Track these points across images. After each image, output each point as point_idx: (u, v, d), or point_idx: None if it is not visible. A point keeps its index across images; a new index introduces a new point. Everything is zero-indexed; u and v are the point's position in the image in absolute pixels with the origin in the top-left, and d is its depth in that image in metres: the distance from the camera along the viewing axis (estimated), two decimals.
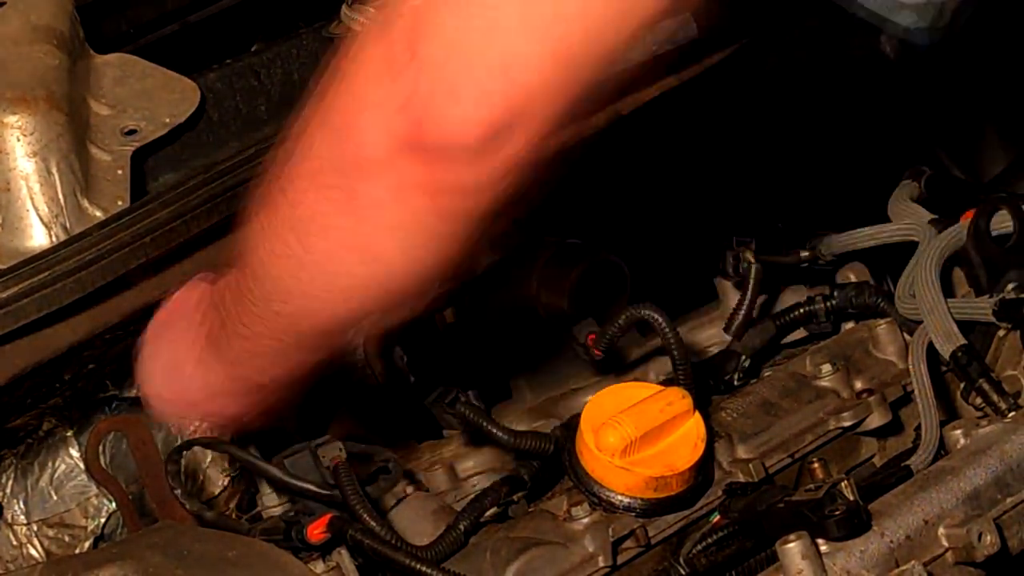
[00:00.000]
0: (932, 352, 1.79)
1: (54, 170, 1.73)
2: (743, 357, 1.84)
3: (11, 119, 1.74)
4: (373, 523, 1.56)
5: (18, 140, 1.73)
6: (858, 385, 1.81)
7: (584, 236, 1.90)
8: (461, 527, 1.61)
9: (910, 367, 1.79)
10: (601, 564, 1.60)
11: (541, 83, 1.23)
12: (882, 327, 1.85)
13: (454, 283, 1.78)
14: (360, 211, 1.29)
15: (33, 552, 1.82)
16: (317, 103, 1.32)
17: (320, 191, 1.30)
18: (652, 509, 1.62)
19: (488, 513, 1.65)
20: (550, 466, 1.68)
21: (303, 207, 1.32)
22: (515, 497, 1.68)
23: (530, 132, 1.24)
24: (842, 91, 2.09)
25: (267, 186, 1.38)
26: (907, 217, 1.91)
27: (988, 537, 1.46)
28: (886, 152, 2.06)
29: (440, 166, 1.25)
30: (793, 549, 1.40)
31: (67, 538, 1.83)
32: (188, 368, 1.56)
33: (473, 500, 1.65)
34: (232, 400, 1.56)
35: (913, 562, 1.44)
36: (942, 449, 1.69)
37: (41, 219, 1.72)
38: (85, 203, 1.74)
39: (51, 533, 1.82)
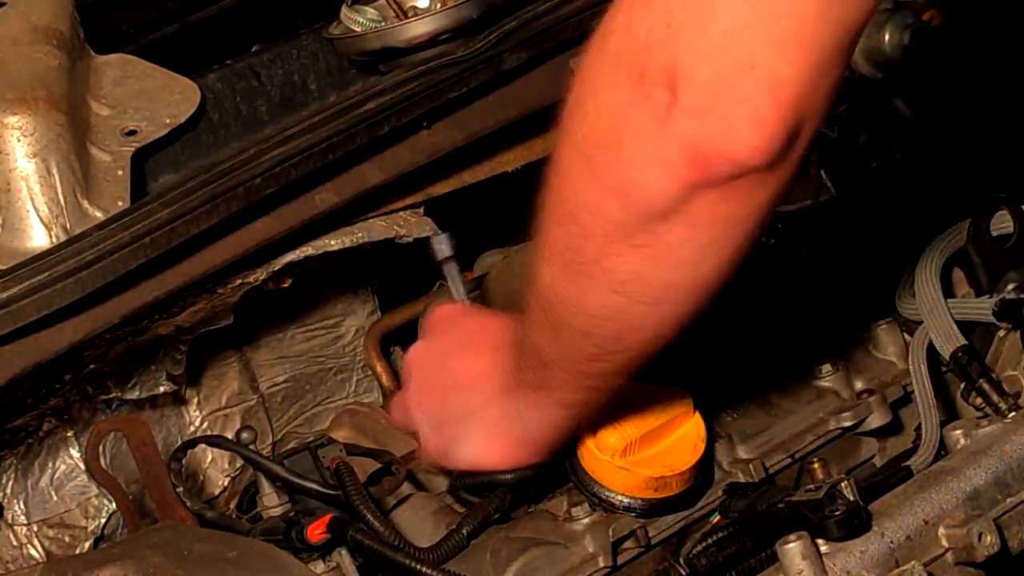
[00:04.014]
0: (932, 352, 1.79)
1: (54, 170, 1.73)
2: None
3: (11, 119, 1.73)
4: (377, 523, 1.56)
5: (18, 140, 1.73)
6: (858, 385, 1.81)
7: None
8: (464, 531, 1.61)
9: (910, 367, 1.79)
10: (601, 564, 1.60)
11: (808, 89, 1.23)
12: (882, 327, 1.85)
13: None
14: (671, 255, 1.31)
15: (33, 552, 1.81)
16: (573, 163, 1.32)
17: (632, 251, 1.32)
18: (652, 509, 1.62)
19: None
20: (552, 468, 1.68)
21: (619, 270, 1.34)
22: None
23: (813, 126, 1.26)
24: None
25: (548, 250, 1.40)
26: None
27: (988, 537, 1.46)
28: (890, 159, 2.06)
29: (738, 190, 1.26)
30: (793, 549, 1.40)
31: (67, 538, 1.83)
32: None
33: (476, 505, 1.65)
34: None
35: (913, 562, 1.44)
36: (942, 449, 1.69)
37: (41, 219, 1.72)
38: (85, 203, 1.74)
39: (51, 533, 1.82)
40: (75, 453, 1.82)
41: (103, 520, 1.84)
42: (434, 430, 1.67)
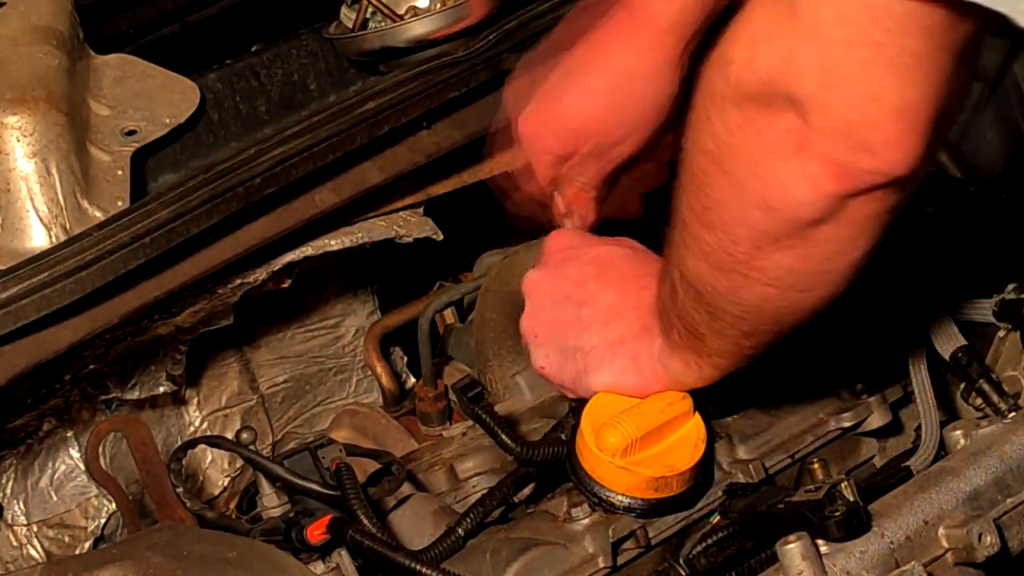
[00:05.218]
0: (932, 352, 1.79)
1: (54, 170, 1.73)
2: None
3: (11, 119, 1.74)
4: (371, 525, 1.56)
5: (18, 140, 1.73)
6: (858, 385, 1.80)
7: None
8: (461, 530, 1.61)
9: (910, 367, 1.79)
10: (601, 565, 1.60)
11: (934, 106, 1.29)
12: (884, 327, 1.85)
13: None
14: (821, 250, 1.38)
15: (33, 553, 1.82)
16: (709, 175, 1.38)
17: (782, 250, 1.38)
18: (652, 510, 1.62)
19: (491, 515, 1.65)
20: (552, 468, 1.67)
21: (771, 268, 1.41)
22: (517, 498, 1.68)
23: (948, 125, 1.34)
24: None
25: (695, 248, 1.45)
26: None
27: (988, 538, 1.46)
28: None
29: (883, 191, 1.33)
30: (793, 550, 1.40)
31: (67, 539, 1.83)
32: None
33: (476, 503, 1.65)
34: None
35: (913, 563, 1.44)
36: (942, 450, 1.69)
37: (41, 219, 1.72)
38: (85, 203, 1.74)
39: (51, 534, 1.83)
40: (75, 453, 1.83)
41: (103, 520, 1.84)
42: (562, 357, 1.67)
